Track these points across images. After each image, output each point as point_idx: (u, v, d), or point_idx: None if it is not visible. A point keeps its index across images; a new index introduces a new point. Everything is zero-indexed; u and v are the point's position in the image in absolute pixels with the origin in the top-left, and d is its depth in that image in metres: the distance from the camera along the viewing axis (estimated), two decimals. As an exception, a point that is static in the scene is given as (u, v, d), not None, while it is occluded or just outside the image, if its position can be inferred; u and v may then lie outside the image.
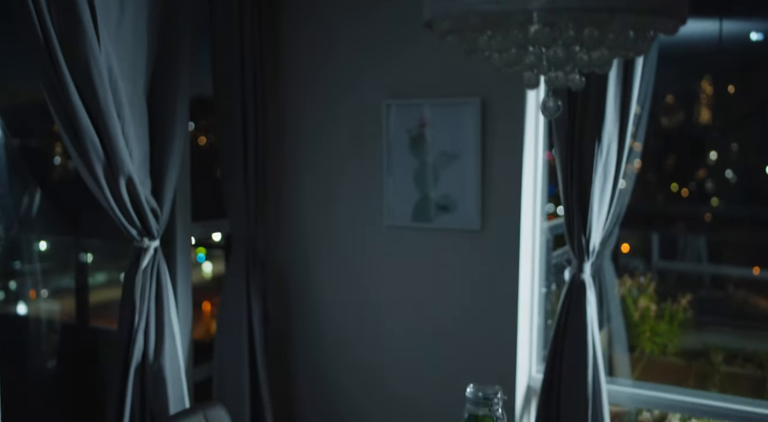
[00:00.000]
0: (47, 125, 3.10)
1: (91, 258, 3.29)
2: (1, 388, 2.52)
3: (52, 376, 2.99)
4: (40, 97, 2.47)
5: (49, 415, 2.93)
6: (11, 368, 2.68)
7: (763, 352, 4.20)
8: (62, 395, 2.99)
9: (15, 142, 2.93)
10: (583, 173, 2.83)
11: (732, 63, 4.11)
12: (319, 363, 3.58)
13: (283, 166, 3.58)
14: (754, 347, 4.29)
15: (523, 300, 3.18)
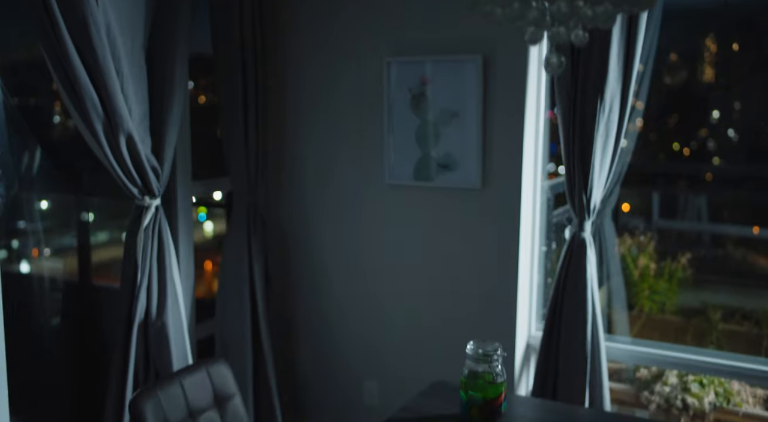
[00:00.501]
0: (46, 83, 3.08)
1: (93, 217, 3.29)
2: (5, 346, 2.54)
3: (56, 333, 3.02)
4: (39, 55, 2.45)
5: (54, 372, 2.97)
6: (15, 326, 2.70)
7: (760, 310, 4.23)
8: (66, 352, 3.03)
9: (14, 100, 2.91)
10: (584, 131, 2.82)
11: (737, 20, 4.06)
12: (320, 320, 3.62)
13: (284, 125, 3.57)
14: (752, 305, 4.32)
15: (524, 258, 3.19)
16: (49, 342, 3.04)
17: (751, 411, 3.21)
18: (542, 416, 2.18)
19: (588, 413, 2.37)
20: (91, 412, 3.06)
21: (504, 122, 3.08)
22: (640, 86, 3.27)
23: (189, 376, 2.33)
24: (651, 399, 3.31)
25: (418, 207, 3.30)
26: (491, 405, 2.05)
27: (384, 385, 3.50)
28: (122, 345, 2.84)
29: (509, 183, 3.11)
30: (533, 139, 3.16)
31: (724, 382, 3.30)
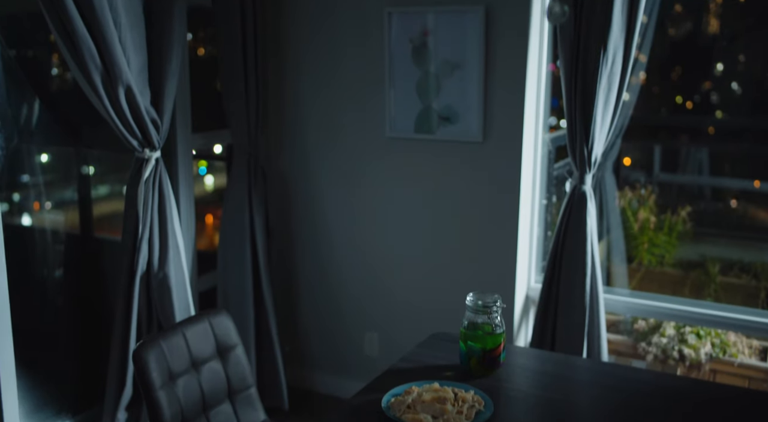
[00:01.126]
0: (44, 35, 3.04)
1: (93, 170, 3.29)
2: (9, 297, 2.57)
3: (59, 285, 3.04)
4: (36, 6, 2.42)
5: (57, 322, 3.00)
6: (18, 278, 2.73)
7: (758, 263, 4.25)
8: (69, 303, 3.05)
9: (11, 52, 2.88)
10: (587, 83, 2.79)
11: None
12: (321, 272, 3.64)
13: (283, 77, 3.54)
14: (750, 258, 4.34)
15: (524, 211, 3.20)
16: (52, 293, 3.06)
17: (746, 362, 3.25)
18: (540, 366, 2.20)
19: (585, 363, 2.40)
20: (95, 362, 3.11)
21: (506, 74, 3.06)
22: (643, 38, 3.24)
23: (191, 327, 2.36)
24: (648, 350, 3.35)
25: (419, 160, 3.30)
26: (490, 356, 2.08)
27: (384, 336, 3.54)
28: (125, 296, 2.87)
29: (510, 136, 3.10)
30: (535, 91, 3.13)
31: (720, 333, 3.33)
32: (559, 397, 1.99)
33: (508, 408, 1.92)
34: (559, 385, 2.08)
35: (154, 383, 2.15)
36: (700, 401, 1.98)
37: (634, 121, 3.56)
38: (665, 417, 1.87)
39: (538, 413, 1.91)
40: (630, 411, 1.91)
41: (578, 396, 2.04)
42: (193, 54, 3.78)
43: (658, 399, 1.97)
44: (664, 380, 2.16)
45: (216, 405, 2.37)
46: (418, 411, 1.82)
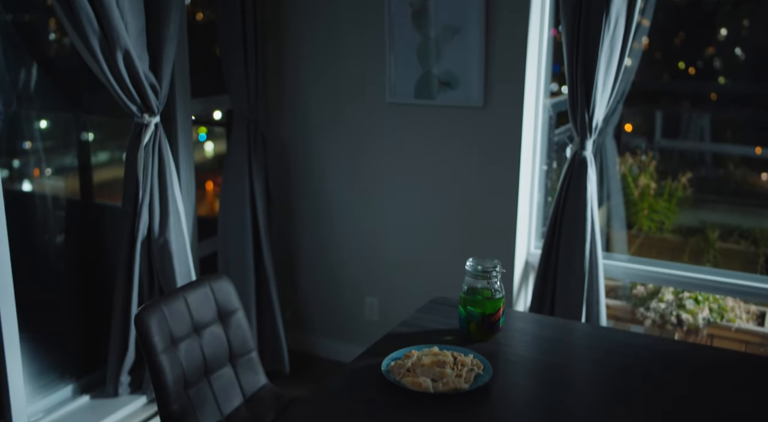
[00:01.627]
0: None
1: (93, 136, 3.28)
2: (11, 263, 2.58)
3: (60, 251, 3.05)
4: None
5: (59, 288, 3.02)
6: (20, 244, 2.74)
7: (758, 229, 4.26)
8: (70, 268, 3.07)
9: (7, 17, 2.85)
10: (588, 48, 2.77)
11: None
12: (321, 236, 3.65)
13: (283, 43, 3.51)
14: (749, 224, 4.34)
15: (524, 177, 3.19)
16: (53, 258, 3.08)
17: (744, 327, 3.28)
18: (539, 330, 2.22)
19: (584, 327, 2.41)
20: (98, 326, 3.13)
21: (506, 39, 3.03)
22: (646, 3, 3.20)
23: (192, 292, 2.37)
24: (646, 316, 3.38)
25: (419, 125, 3.29)
26: (489, 320, 2.09)
27: (384, 301, 3.56)
28: (126, 262, 2.88)
29: (511, 101, 3.08)
30: (536, 56, 3.11)
31: (718, 299, 3.35)
32: (558, 361, 2.01)
33: (506, 372, 1.94)
34: (557, 349, 2.10)
35: (156, 347, 2.17)
36: (699, 366, 1.99)
37: (636, 86, 3.54)
38: (664, 381, 1.89)
39: (536, 377, 1.93)
40: (629, 376, 1.93)
41: (577, 361, 2.06)
42: (192, 18, 3.74)
43: (657, 364, 1.99)
44: (662, 345, 2.17)
45: (217, 369, 2.40)
46: (418, 375, 1.84)
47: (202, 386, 2.33)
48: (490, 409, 1.76)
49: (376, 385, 1.85)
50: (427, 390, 1.78)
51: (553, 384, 1.89)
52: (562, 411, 1.76)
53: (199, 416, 2.28)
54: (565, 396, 1.84)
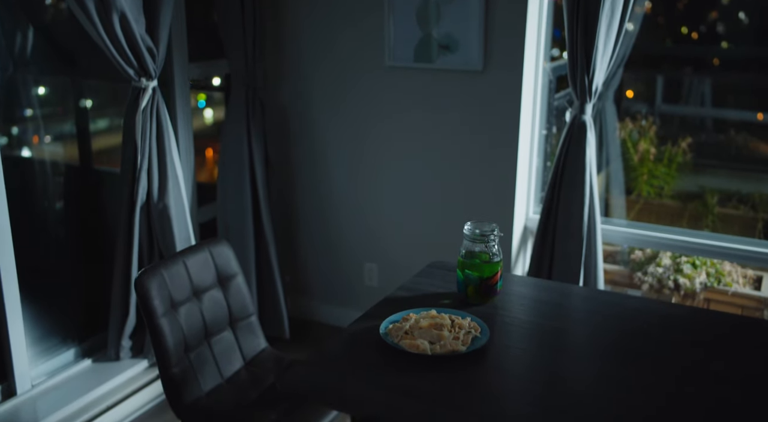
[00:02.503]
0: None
1: (91, 103, 3.26)
2: (11, 229, 2.59)
3: (60, 216, 3.06)
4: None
5: (59, 253, 3.03)
6: (20, 210, 2.75)
7: (757, 194, 4.26)
8: (70, 234, 3.07)
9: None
10: (589, 11, 2.74)
11: None
12: (321, 202, 3.65)
13: (281, 5, 3.47)
14: (749, 189, 4.34)
15: (523, 141, 3.19)
16: (53, 225, 3.08)
17: (740, 291, 3.30)
18: (537, 294, 2.23)
19: (582, 291, 2.42)
20: (99, 291, 3.15)
21: (507, 1, 3.00)
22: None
23: (192, 256, 2.38)
24: (644, 280, 3.39)
25: (419, 89, 3.27)
26: (487, 284, 2.10)
27: (384, 267, 3.58)
28: (126, 227, 2.89)
29: (510, 65, 3.06)
30: (536, 19, 3.08)
31: (716, 263, 3.37)
32: (556, 324, 2.03)
33: (504, 335, 1.95)
34: (555, 313, 2.11)
35: (157, 310, 2.18)
36: (697, 328, 2.01)
37: (637, 50, 3.51)
38: (663, 343, 1.91)
39: (534, 339, 1.94)
40: (627, 338, 1.95)
41: (574, 323, 2.07)
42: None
43: (656, 328, 2.00)
44: (660, 307, 2.19)
45: (218, 332, 2.42)
46: (416, 337, 1.85)
47: (203, 349, 2.35)
48: (487, 371, 1.78)
49: (375, 348, 1.86)
50: (424, 352, 1.80)
51: (551, 347, 1.91)
52: (559, 373, 1.78)
53: (200, 379, 2.30)
54: (562, 358, 1.86)
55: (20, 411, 2.64)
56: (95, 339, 3.08)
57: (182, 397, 2.23)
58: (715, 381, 1.72)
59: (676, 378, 1.73)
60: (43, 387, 2.78)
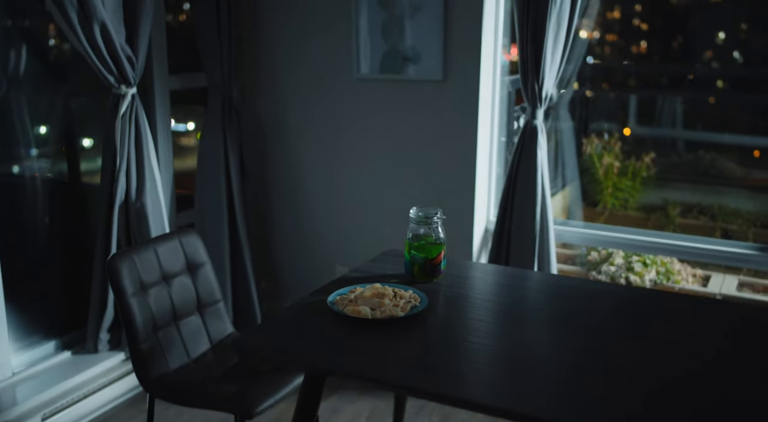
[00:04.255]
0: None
1: (80, 118, 3.44)
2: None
3: (47, 228, 3.23)
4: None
5: (44, 255, 3.19)
6: (9, 223, 2.94)
7: (716, 205, 4.45)
8: (56, 242, 3.24)
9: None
10: (537, 23, 2.95)
11: None
12: (294, 208, 3.83)
13: (257, 19, 3.69)
14: (709, 201, 4.53)
15: (482, 148, 3.38)
16: (39, 229, 3.25)
17: (687, 287, 3.46)
18: (482, 275, 2.40)
19: (531, 274, 2.57)
20: (80, 288, 3.30)
21: (464, 14, 3.22)
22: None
23: (162, 244, 2.56)
24: (597, 278, 3.56)
25: (385, 99, 3.47)
26: (431, 263, 2.28)
27: (353, 268, 3.73)
28: (104, 225, 3.06)
29: (468, 74, 3.26)
30: (492, 30, 3.29)
31: (666, 262, 3.54)
32: (495, 299, 2.19)
33: (442, 306, 2.12)
34: (496, 289, 2.28)
35: (126, 289, 2.35)
36: (625, 298, 2.18)
37: (610, 72, 3.71)
38: (599, 316, 2.08)
39: (472, 309, 2.10)
40: (561, 309, 2.12)
41: (515, 298, 2.23)
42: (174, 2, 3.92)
43: (580, 299, 2.17)
44: (594, 285, 2.36)
45: (186, 316, 2.58)
46: (359, 304, 2.02)
47: (171, 330, 2.51)
48: (424, 333, 1.95)
49: (322, 315, 2.03)
50: (365, 316, 1.97)
51: (487, 315, 2.08)
52: (494, 335, 1.94)
53: (168, 356, 2.46)
54: (499, 324, 2.02)
55: (1, 396, 2.79)
56: (75, 334, 3.23)
57: (149, 372, 2.38)
58: (633, 339, 1.89)
59: (603, 339, 1.91)
60: (23, 375, 2.93)
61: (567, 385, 1.68)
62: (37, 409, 2.81)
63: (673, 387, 1.64)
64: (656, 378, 1.68)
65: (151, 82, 3.36)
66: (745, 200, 4.60)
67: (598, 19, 4.22)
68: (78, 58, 2.84)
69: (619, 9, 4.58)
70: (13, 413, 2.73)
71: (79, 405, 2.98)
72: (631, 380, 1.68)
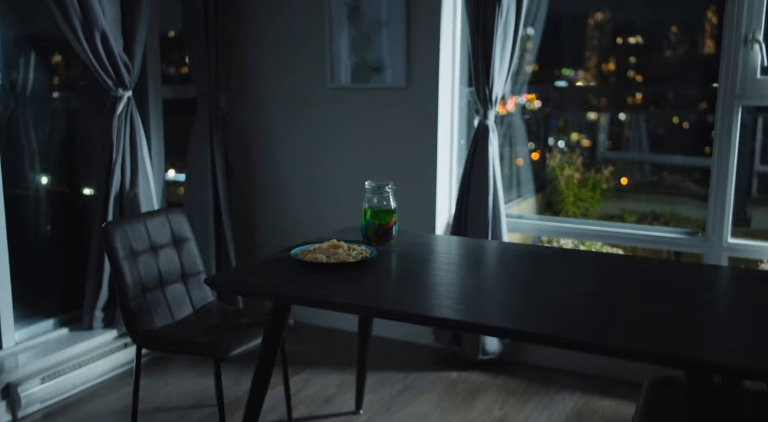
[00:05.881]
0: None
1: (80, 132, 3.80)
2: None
3: (48, 236, 3.58)
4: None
5: (46, 244, 3.53)
6: (15, 231, 3.30)
7: (668, 212, 4.81)
8: (56, 233, 3.59)
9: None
10: (486, 30, 3.35)
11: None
12: (276, 205, 4.19)
13: (242, 36, 4.11)
14: (662, 209, 4.89)
15: (442, 149, 3.75)
16: (45, 245, 3.60)
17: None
18: (429, 241, 2.74)
19: (464, 239, 2.89)
20: (78, 273, 3.62)
21: (424, 29, 3.63)
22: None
23: (151, 218, 2.91)
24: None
25: (356, 105, 3.86)
26: (384, 228, 2.63)
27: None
28: (101, 213, 3.41)
29: (428, 83, 3.66)
30: (450, 44, 3.70)
31: (609, 250, 3.87)
32: (443, 258, 2.54)
33: (390, 259, 2.47)
34: (445, 250, 2.63)
35: (118, 253, 2.70)
36: (557, 260, 2.53)
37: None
38: (541, 269, 2.43)
39: (420, 263, 2.45)
40: (497, 263, 2.47)
41: (461, 255, 2.58)
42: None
43: (513, 257, 2.52)
44: (536, 248, 2.70)
45: (171, 283, 2.91)
46: (316, 253, 2.37)
47: (157, 293, 2.84)
48: (372, 275, 2.29)
49: (286, 264, 2.38)
50: (321, 261, 2.32)
51: (436, 266, 2.42)
52: (436, 278, 2.29)
53: (154, 316, 2.79)
54: (441, 269, 2.37)
55: (4, 361, 3.10)
56: (73, 314, 3.55)
57: (137, 326, 2.71)
58: (558, 284, 2.25)
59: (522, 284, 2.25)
60: (25, 345, 3.25)
61: (511, 308, 2.03)
62: (37, 373, 3.12)
63: (577, 307, 2.00)
64: (572, 299, 2.04)
65: (145, 88, 3.75)
66: (696, 209, 4.97)
67: (593, 71, 4.66)
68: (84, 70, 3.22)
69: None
70: (16, 374, 3.05)
71: (75, 373, 3.28)
72: (552, 300, 2.04)
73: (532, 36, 3.91)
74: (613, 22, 4.45)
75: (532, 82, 4.05)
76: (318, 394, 3.30)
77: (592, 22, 4.56)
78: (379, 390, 3.33)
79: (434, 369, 3.57)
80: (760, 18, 3.09)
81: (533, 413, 3.12)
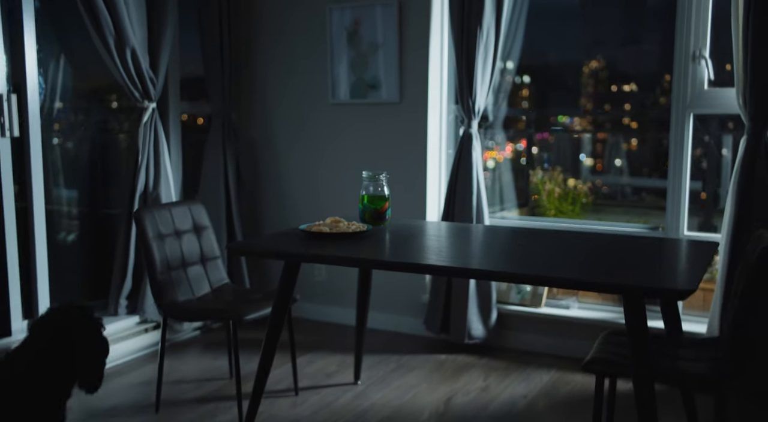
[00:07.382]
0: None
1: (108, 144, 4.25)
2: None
3: (72, 247, 4.00)
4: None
5: (78, 237, 3.95)
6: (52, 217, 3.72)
7: (642, 220, 5.24)
8: (87, 231, 4.01)
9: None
10: (469, 50, 3.81)
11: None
12: (282, 210, 4.60)
13: (252, 57, 4.58)
14: (637, 220, 5.32)
15: (432, 159, 4.19)
16: (67, 253, 4.01)
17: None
18: (420, 224, 3.16)
19: (453, 224, 3.31)
20: (105, 267, 4.01)
21: (415, 50, 4.10)
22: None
23: (175, 207, 3.33)
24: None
25: (355, 119, 4.31)
26: (378, 212, 3.04)
27: (329, 265, 4.47)
28: (127, 210, 3.83)
29: (419, 99, 4.11)
30: (438, 63, 4.16)
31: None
32: (433, 236, 2.95)
33: (384, 233, 2.88)
34: (435, 232, 3.04)
35: (149, 233, 3.11)
36: (539, 235, 2.95)
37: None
38: (521, 245, 2.84)
39: (412, 238, 2.86)
40: (488, 237, 2.88)
41: (450, 233, 2.99)
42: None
43: (525, 235, 2.94)
44: (518, 230, 3.11)
45: (192, 264, 3.31)
46: (320, 226, 2.79)
47: (180, 272, 3.24)
48: (369, 243, 2.70)
49: (295, 235, 2.79)
50: (324, 231, 2.73)
51: (426, 240, 2.84)
52: (428, 245, 2.70)
53: (177, 290, 3.18)
54: (432, 241, 2.78)
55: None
56: (99, 303, 3.94)
57: (163, 298, 3.10)
58: (533, 248, 2.66)
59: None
60: (57, 326, 3.63)
61: (489, 259, 2.45)
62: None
63: (538, 257, 2.42)
64: (538, 251, 2.45)
65: (166, 102, 4.20)
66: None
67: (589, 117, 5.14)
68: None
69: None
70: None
71: (102, 352, 3.65)
72: (524, 256, 2.46)
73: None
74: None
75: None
76: (321, 371, 3.67)
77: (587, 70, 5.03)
78: (375, 368, 3.70)
79: (425, 353, 3.95)
80: (705, 37, 3.56)
81: (512, 384, 3.50)
